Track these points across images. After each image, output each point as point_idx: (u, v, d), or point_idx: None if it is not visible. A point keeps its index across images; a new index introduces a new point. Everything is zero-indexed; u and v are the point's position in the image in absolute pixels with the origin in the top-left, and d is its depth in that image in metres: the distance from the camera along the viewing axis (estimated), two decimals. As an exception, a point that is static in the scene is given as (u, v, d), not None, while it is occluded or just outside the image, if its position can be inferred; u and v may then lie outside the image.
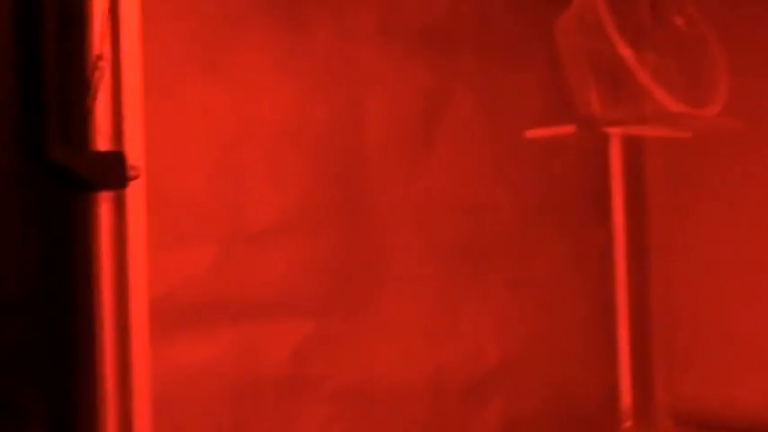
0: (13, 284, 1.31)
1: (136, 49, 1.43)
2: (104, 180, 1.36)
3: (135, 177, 1.40)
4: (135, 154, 1.41)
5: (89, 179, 1.35)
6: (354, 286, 1.82)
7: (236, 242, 1.63)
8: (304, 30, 1.74)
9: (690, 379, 2.26)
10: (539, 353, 2.14)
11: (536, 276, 2.15)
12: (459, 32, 1.99)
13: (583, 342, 2.23)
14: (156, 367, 1.44)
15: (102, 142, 1.41)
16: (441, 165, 1.96)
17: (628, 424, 2.20)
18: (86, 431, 1.37)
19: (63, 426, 1.36)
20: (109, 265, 1.41)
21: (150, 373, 1.42)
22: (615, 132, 1.66)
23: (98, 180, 1.36)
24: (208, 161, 1.60)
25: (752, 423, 2.11)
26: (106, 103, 1.41)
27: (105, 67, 1.39)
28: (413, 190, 1.92)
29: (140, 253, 1.42)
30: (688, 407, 2.26)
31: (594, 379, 2.25)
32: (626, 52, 1.52)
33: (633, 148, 2.08)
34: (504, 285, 2.09)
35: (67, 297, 1.37)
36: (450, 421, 1.96)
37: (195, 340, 1.56)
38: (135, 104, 1.43)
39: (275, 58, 1.70)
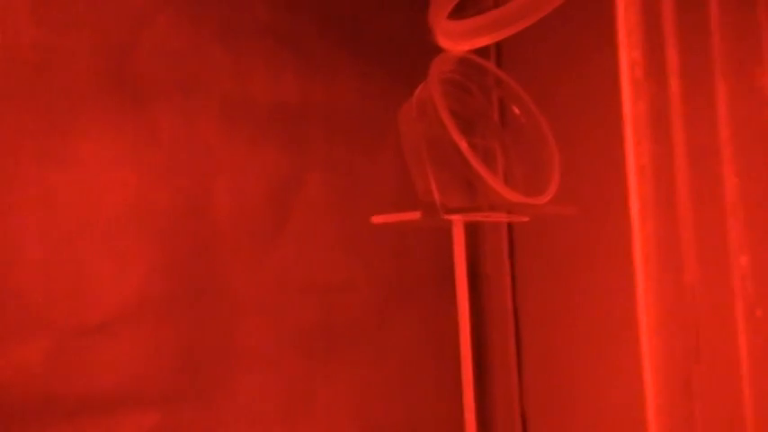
0: None
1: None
2: None
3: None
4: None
5: None
6: (204, 373, 1.79)
7: (72, 335, 1.57)
8: (147, 116, 1.72)
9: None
10: (396, 430, 2.15)
11: (392, 355, 2.17)
12: (309, 115, 2.02)
13: (438, 417, 2.25)
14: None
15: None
16: (293, 247, 1.97)
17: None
18: None
19: None
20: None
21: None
22: (456, 219, 1.70)
23: None
24: (42, 252, 1.56)
25: None
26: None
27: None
28: (264, 273, 1.91)
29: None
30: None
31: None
32: (462, 144, 1.57)
33: (482, 229, 2.16)
34: (361, 365, 2.10)
35: None
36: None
37: (26, 440, 1.49)
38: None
39: (117, 145, 1.68)
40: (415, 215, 1.74)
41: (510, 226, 2.28)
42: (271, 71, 1.95)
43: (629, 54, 0.86)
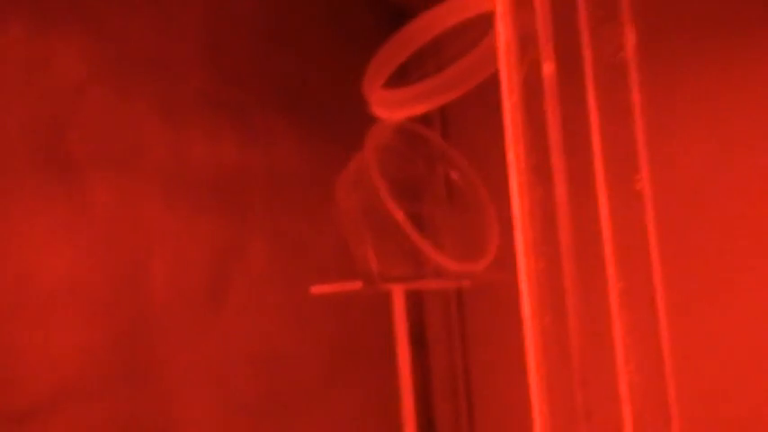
0: None
1: None
2: None
3: None
4: None
5: None
6: (145, 451, 1.75)
7: (2, 422, 1.53)
8: (81, 190, 1.70)
9: None
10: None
11: (339, 421, 2.13)
12: (250, 183, 2.01)
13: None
14: None
15: None
16: (235, 316, 1.94)
17: None
18: None
19: None
20: None
21: None
22: (396, 288, 1.69)
23: None
24: (-29, 336, 1.52)
25: None
26: None
27: None
28: (206, 344, 1.88)
29: None
30: None
31: None
32: (398, 213, 1.57)
33: (429, 292, 2.15)
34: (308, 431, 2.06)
35: None
36: None
37: None
38: None
39: (50, 220, 1.65)
40: (355, 285, 1.73)
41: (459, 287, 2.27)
42: (210, 141, 1.94)
43: (516, 159, 0.87)
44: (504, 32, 0.90)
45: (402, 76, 1.72)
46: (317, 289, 1.74)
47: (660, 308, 0.92)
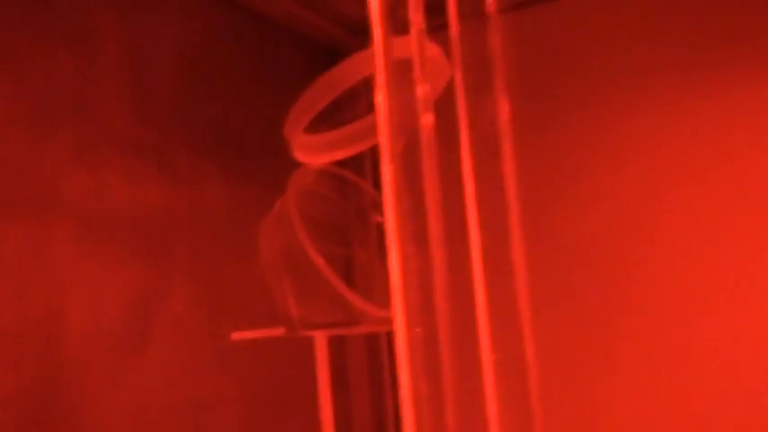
0: None
1: None
2: None
3: None
4: None
5: None
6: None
7: None
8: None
9: None
10: None
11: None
12: (174, 226, 1.98)
13: None
14: None
15: None
16: (156, 363, 1.89)
17: None
18: None
19: None
20: None
21: None
22: (318, 335, 1.67)
23: None
24: None
25: None
26: None
27: None
28: (124, 393, 1.83)
29: None
30: None
31: None
32: (318, 258, 1.55)
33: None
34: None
35: None
36: None
37: None
38: None
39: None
40: (277, 331, 1.70)
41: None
42: (131, 183, 1.90)
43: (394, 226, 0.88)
44: (383, 103, 0.90)
45: (334, 117, 1.71)
46: (238, 335, 1.71)
47: (533, 379, 0.92)
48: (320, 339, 1.67)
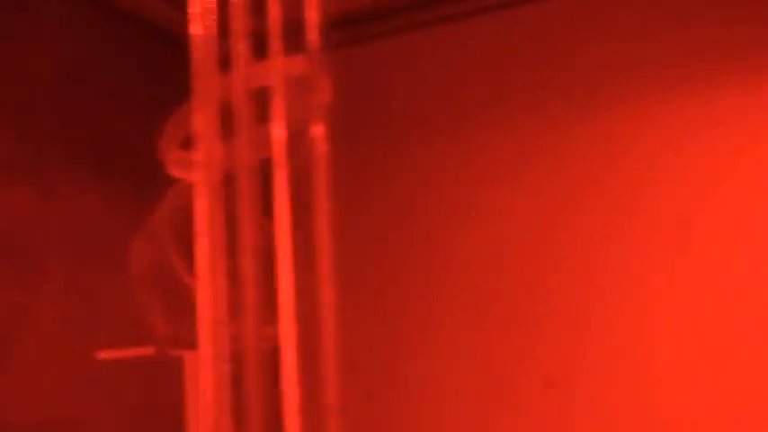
0: None
1: None
2: None
3: None
4: None
5: None
6: None
7: None
8: None
9: None
10: None
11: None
12: (46, 242, 1.91)
13: None
14: None
15: None
16: (22, 380, 1.82)
17: None
18: None
19: None
20: None
21: None
22: (187, 354, 1.63)
23: None
24: None
25: None
26: None
27: None
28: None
29: None
30: None
31: None
32: (189, 278, 1.52)
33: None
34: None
35: None
36: None
37: None
38: None
39: None
40: (147, 350, 1.66)
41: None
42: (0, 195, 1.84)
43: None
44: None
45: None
46: (105, 354, 1.66)
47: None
48: (190, 359, 1.63)
